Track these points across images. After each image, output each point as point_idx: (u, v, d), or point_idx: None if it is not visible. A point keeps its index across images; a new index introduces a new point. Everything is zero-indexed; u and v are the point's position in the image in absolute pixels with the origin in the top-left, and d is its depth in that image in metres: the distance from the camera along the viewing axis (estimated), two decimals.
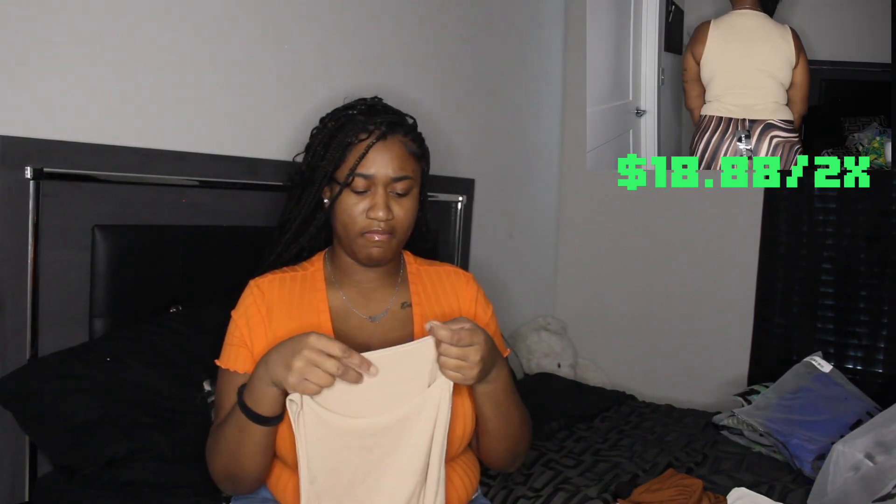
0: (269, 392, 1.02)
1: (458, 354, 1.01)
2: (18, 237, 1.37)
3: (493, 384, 1.10)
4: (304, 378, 0.96)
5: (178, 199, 1.64)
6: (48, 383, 1.33)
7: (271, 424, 1.05)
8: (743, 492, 1.54)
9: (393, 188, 1.17)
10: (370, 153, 1.16)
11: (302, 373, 0.96)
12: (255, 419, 1.03)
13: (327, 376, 0.96)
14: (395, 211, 1.16)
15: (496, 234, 2.81)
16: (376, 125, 1.17)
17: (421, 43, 2.36)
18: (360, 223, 1.16)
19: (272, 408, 1.03)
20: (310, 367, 0.96)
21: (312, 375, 0.96)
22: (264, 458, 1.09)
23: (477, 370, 1.02)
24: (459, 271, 1.32)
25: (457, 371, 1.02)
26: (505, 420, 1.16)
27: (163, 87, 1.62)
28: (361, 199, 1.16)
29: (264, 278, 1.22)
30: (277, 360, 0.99)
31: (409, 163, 1.19)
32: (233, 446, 1.07)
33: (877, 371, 2.57)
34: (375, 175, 1.16)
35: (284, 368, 0.97)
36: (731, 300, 2.84)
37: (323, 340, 0.97)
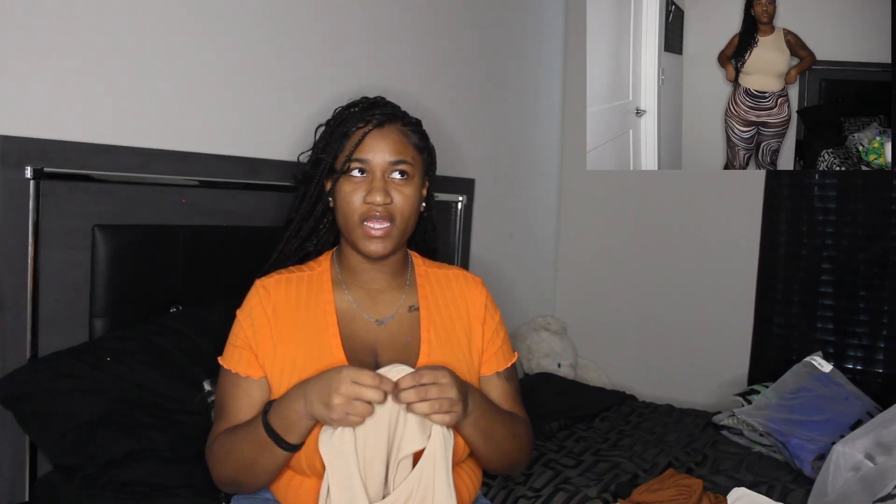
0: (305, 425, 1.03)
1: (437, 393, 1.00)
2: (18, 237, 1.37)
3: (473, 414, 1.10)
4: (348, 413, 0.98)
5: (178, 199, 1.64)
6: (48, 383, 1.33)
7: (297, 450, 1.06)
8: (743, 492, 1.54)
9: (392, 172, 1.17)
10: (367, 139, 1.16)
11: (344, 409, 0.97)
12: (282, 445, 1.04)
13: (369, 407, 0.98)
14: (394, 196, 1.16)
15: (496, 234, 2.81)
16: (373, 115, 1.18)
17: (422, 44, 2.36)
18: (359, 210, 1.15)
19: (303, 437, 1.05)
20: (350, 403, 0.97)
21: (354, 409, 0.98)
22: (279, 470, 1.11)
23: (458, 399, 1.02)
24: (468, 275, 1.31)
25: (442, 412, 1.01)
26: (495, 442, 1.16)
27: (163, 86, 1.62)
28: (359, 185, 1.16)
29: (270, 278, 1.22)
30: (315, 398, 1.00)
31: (407, 149, 1.19)
32: (249, 460, 1.08)
33: (877, 371, 2.57)
34: (372, 160, 1.16)
35: (324, 407, 0.98)
36: (731, 300, 2.84)
37: (357, 373, 0.98)
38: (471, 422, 1.10)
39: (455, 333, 1.23)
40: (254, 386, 1.15)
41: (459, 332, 1.23)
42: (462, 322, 1.24)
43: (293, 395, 1.04)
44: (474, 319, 1.25)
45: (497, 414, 1.17)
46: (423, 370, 1.02)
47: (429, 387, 1.00)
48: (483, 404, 1.14)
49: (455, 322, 1.24)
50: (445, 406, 1.01)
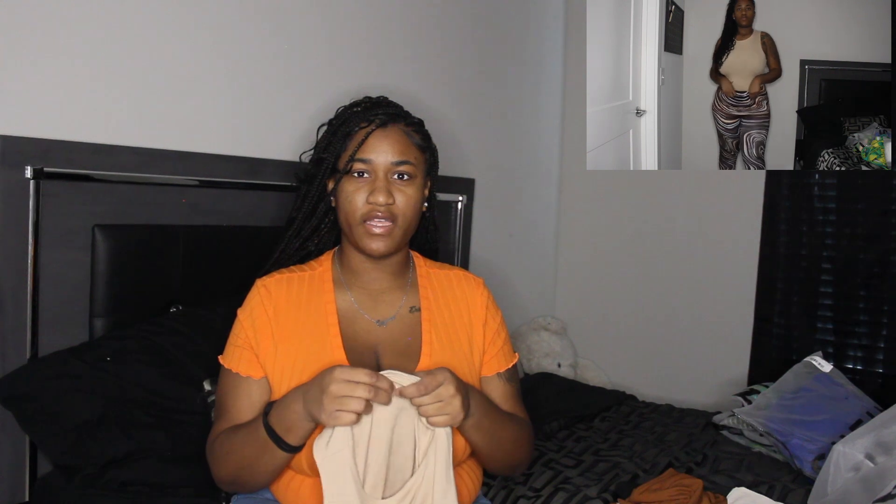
0: (304, 426, 1.03)
1: (435, 397, 1.01)
2: (18, 237, 1.37)
3: (474, 415, 1.10)
4: (338, 410, 0.97)
5: (179, 199, 1.64)
6: (48, 383, 1.33)
7: (298, 451, 1.06)
8: (743, 492, 1.54)
9: (394, 172, 1.17)
10: (369, 140, 1.16)
11: (334, 406, 0.97)
12: (282, 446, 1.04)
13: (360, 402, 0.97)
14: (397, 197, 1.16)
15: (496, 234, 2.81)
16: (377, 115, 1.18)
17: (423, 43, 2.36)
18: (361, 210, 1.15)
19: (304, 439, 1.05)
20: (340, 400, 0.97)
21: (346, 405, 0.97)
22: (279, 470, 1.11)
23: (458, 402, 1.02)
24: (470, 276, 1.31)
25: (441, 414, 1.01)
26: (496, 443, 1.16)
27: (163, 86, 1.62)
28: (362, 185, 1.16)
29: (271, 278, 1.21)
30: (311, 397, 1.00)
31: (410, 150, 1.19)
32: (249, 460, 1.08)
33: (877, 371, 2.57)
34: (374, 161, 1.16)
35: (317, 406, 0.98)
36: (731, 300, 2.84)
37: (348, 371, 0.98)
38: (473, 423, 1.10)
39: (456, 334, 1.23)
40: (254, 386, 1.15)
41: (461, 333, 1.23)
42: (463, 323, 1.24)
43: (293, 396, 1.04)
44: (476, 320, 1.25)
45: (498, 415, 1.18)
46: (424, 378, 1.03)
47: (427, 381, 1.01)
48: (484, 405, 1.14)
49: (456, 323, 1.24)
50: (447, 409, 1.01)
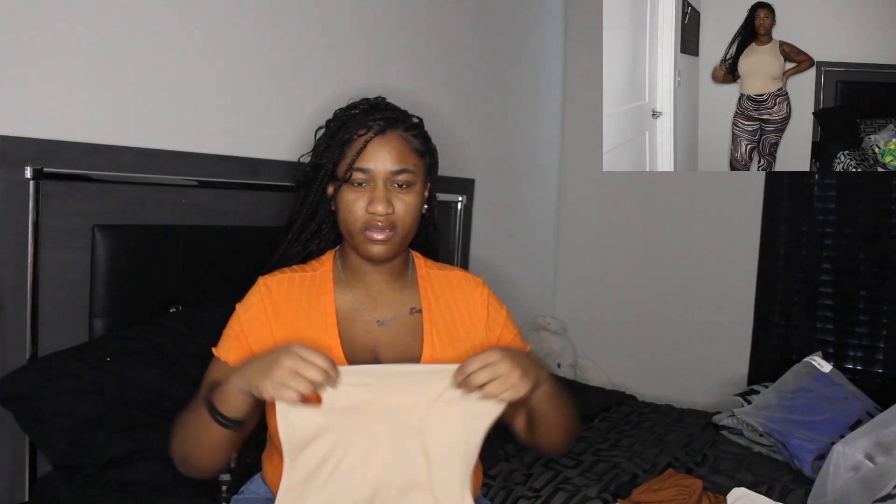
0: (239, 398, 1.00)
1: (490, 374, 0.98)
2: (18, 237, 1.37)
3: (545, 383, 1.08)
4: (283, 384, 0.93)
5: (178, 199, 1.64)
6: (48, 383, 1.33)
7: (231, 428, 1.03)
8: (743, 492, 1.54)
9: (393, 181, 1.16)
10: (368, 148, 1.15)
11: (282, 379, 0.94)
12: (217, 419, 1.02)
13: (307, 384, 0.94)
14: (396, 205, 1.15)
15: (496, 234, 2.81)
16: (375, 121, 1.17)
17: (423, 43, 2.36)
18: (361, 219, 1.15)
19: (238, 413, 1.01)
20: (291, 375, 0.94)
21: (294, 382, 0.94)
22: (221, 454, 1.08)
23: (518, 375, 0.99)
24: (469, 276, 1.30)
25: (504, 387, 0.98)
26: (564, 411, 1.17)
27: (163, 86, 1.62)
28: (362, 194, 1.16)
29: (273, 277, 1.21)
30: (256, 368, 0.97)
31: (409, 157, 1.18)
32: (192, 434, 1.07)
33: (877, 371, 2.57)
34: (374, 169, 1.15)
35: (263, 375, 0.95)
36: (731, 300, 2.84)
37: (306, 350, 0.96)
38: (545, 390, 1.09)
39: (458, 334, 1.23)
40: None
41: (462, 334, 1.23)
42: (464, 323, 1.24)
43: (237, 368, 1.03)
44: (477, 320, 1.25)
45: (562, 384, 1.17)
46: (471, 359, 1.01)
47: (484, 369, 0.99)
48: (552, 376, 1.13)
49: (457, 323, 1.24)
50: (508, 382, 0.98)
